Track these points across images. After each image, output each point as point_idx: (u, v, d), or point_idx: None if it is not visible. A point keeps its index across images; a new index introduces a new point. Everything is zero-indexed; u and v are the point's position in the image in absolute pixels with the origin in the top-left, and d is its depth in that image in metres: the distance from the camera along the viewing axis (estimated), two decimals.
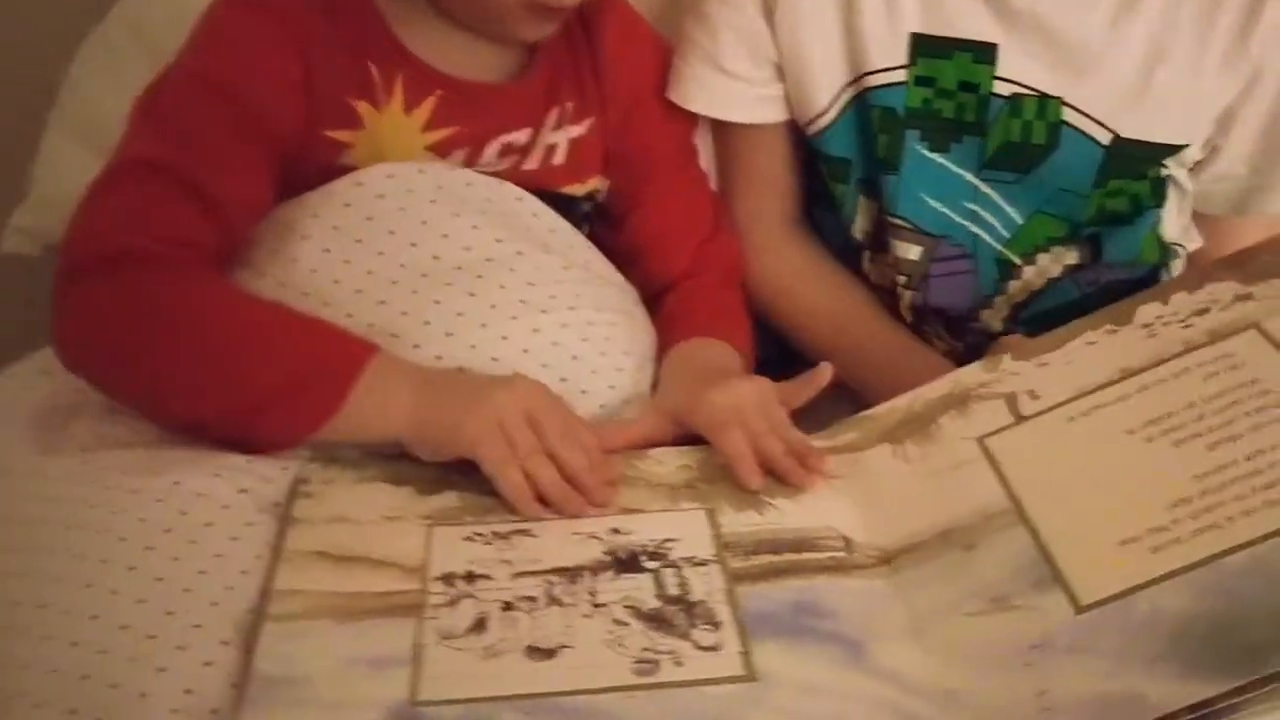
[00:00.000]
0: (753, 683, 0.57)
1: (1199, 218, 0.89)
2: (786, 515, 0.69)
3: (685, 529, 0.68)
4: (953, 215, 0.86)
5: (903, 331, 0.90)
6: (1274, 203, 0.86)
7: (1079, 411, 0.68)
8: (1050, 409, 0.69)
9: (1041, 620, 0.58)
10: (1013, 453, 0.68)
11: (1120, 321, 0.72)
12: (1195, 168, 0.86)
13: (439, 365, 0.72)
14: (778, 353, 0.94)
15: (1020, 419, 0.69)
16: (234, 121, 0.74)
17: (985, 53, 0.82)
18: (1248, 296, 0.69)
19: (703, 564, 0.65)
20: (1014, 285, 0.88)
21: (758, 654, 0.59)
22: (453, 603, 0.61)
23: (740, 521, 0.68)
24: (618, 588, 0.63)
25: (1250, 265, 0.71)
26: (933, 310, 0.90)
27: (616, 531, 0.67)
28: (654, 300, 0.88)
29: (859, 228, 0.90)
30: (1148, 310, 0.72)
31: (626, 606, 0.61)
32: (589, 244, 0.86)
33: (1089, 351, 0.71)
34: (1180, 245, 0.89)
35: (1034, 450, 0.67)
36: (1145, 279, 0.87)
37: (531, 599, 0.62)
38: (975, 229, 0.87)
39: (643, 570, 0.65)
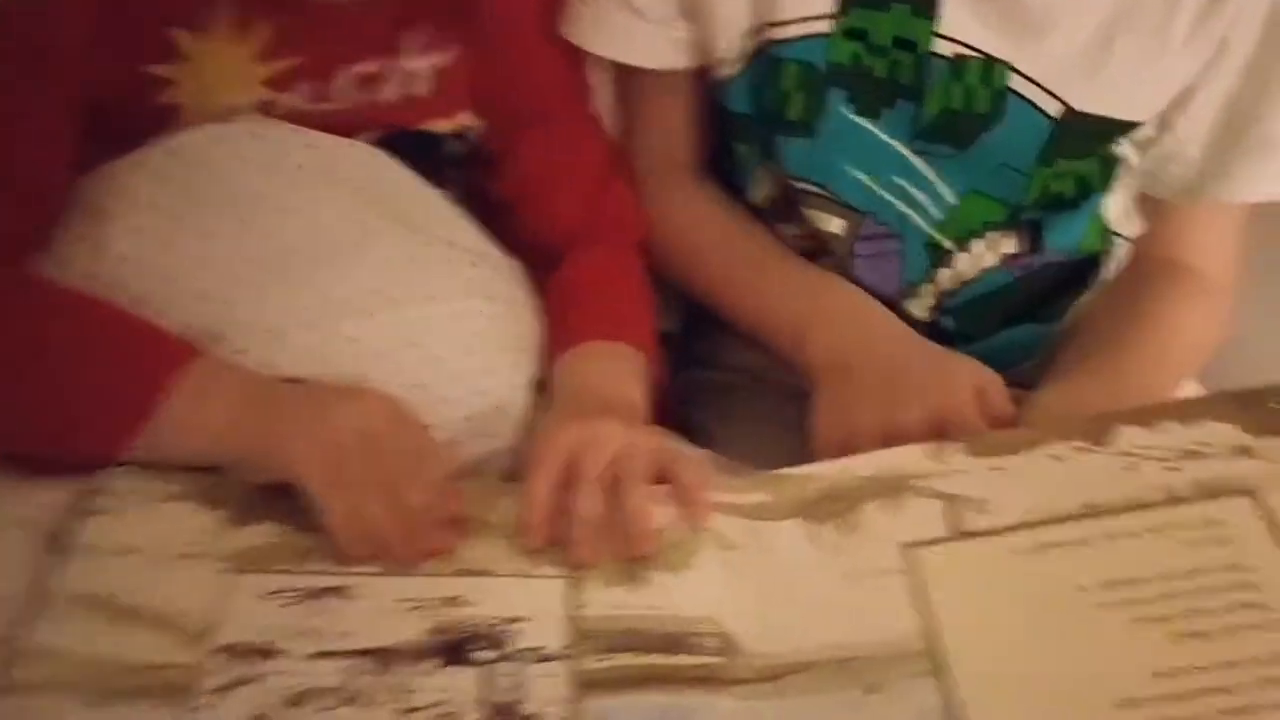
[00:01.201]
0: None
1: (1145, 201, 0.80)
2: (665, 595, 0.58)
3: (537, 605, 0.57)
4: (878, 190, 0.76)
5: (813, 269, 0.79)
6: (1230, 190, 0.76)
7: (1029, 545, 0.57)
8: (996, 532, 0.59)
9: None
10: (944, 577, 0.57)
11: (1095, 440, 0.61)
12: (1144, 145, 0.76)
13: (271, 373, 0.61)
14: (682, 324, 0.85)
15: (959, 534, 0.59)
16: (22, 71, 0.62)
17: (926, 6, 0.71)
18: (1247, 452, 0.59)
19: (549, 660, 0.54)
20: (944, 274, 0.78)
21: None
22: (228, 688, 0.49)
23: (607, 601, 0.58)
24: (437, 686, 0.52)
25: (1256, 411, 0.61)
26: None
27: (452, 602, 0.56)
28: (542, 259, 0.77)
29: (759, 193, 0.80)
30: (1130, 435, 0.61)
31: (441, 716, 0.50)
32: (460, 212, 0.74)
33: (1052, 469, 0.61)
34: (1122, 233, 0.80)
35: (968, 581, 0.57)
36: (1084, 267, 0.80)
37: (326, 691, 0.50)
38: (904, 208, 0.77)
39: (471, 663, 0.54)
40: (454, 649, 0.54)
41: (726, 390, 0.87)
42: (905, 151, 0.75)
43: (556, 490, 0.61)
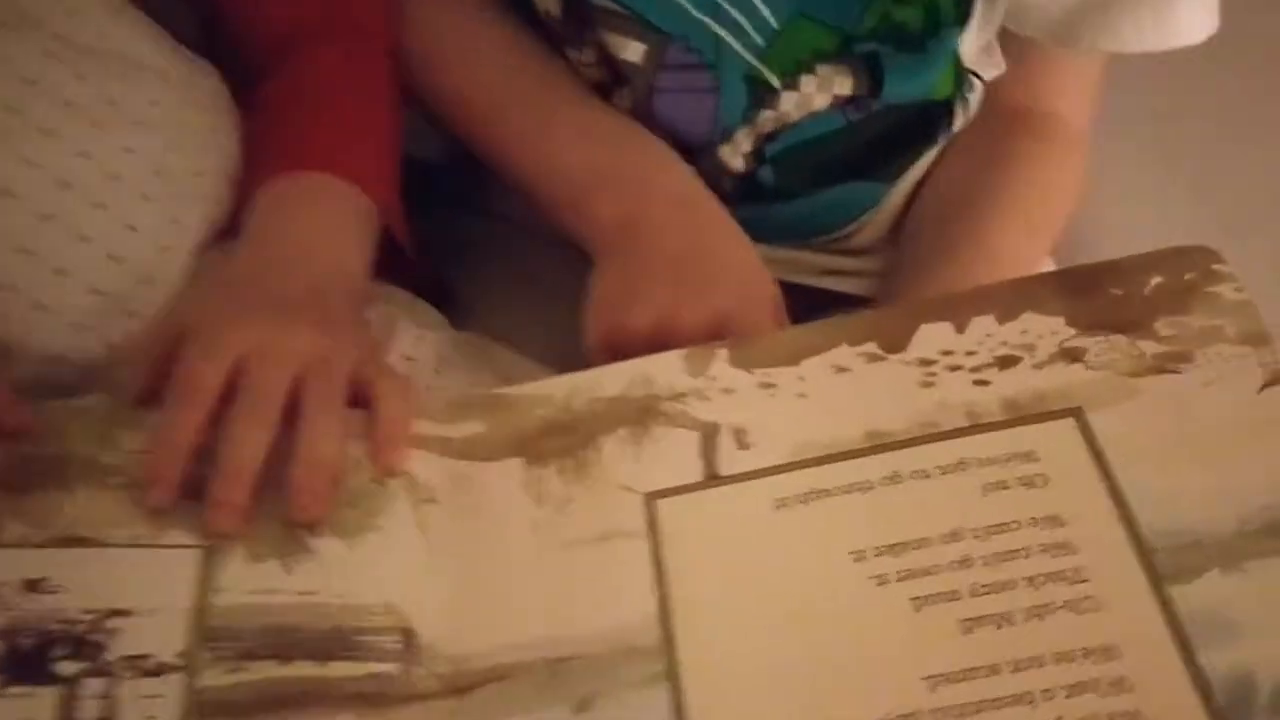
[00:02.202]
0: None
1: (1006, 39, 0.65)
2: (330, 573, 0.45)
3: (155, 589, 0.43)
4: (687, 7, 0.61)
5: (610, 113, 0.64)
6: (1109, 37, 0.62)
7: (796, 493, 0.45)
8: (757, 475, 0.46)
9: None
10: (688, 541, 0.45)
11: (890, 344, 0.48)
12: None
13: None
14: (447, 151, 0.70)
15: (713, 479, 0.46)
16: None
17: None
18: (1076, 355, 0.46)
19: (157, 673, 0.41)
20: (766, 116, 0.64)
21: None
22: None
23: (251, 583, 0.44)
24: None
25: (1089, 298, 0.48)
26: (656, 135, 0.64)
27: (35, 587, 0.42)
28: (258, 70, 0.61)
29: (543, 7, 0.64)
30: (932, 335, 0.48)
31: None
32: (124, 5, 0.57)
33: (834, 384, 0.48)
34: (978, 73, 0.66)
35: (717, 546, 0.44)
36: (931, 116, 0.66)
37: None
38: (719, 30, 0.61)
39: (51, 678, 0.40)
40: (26, 659, 0.41)
41: (494, 244, 0.73)
42: None
43: (209, 419, 0.47)
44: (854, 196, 0.69)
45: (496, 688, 0.42)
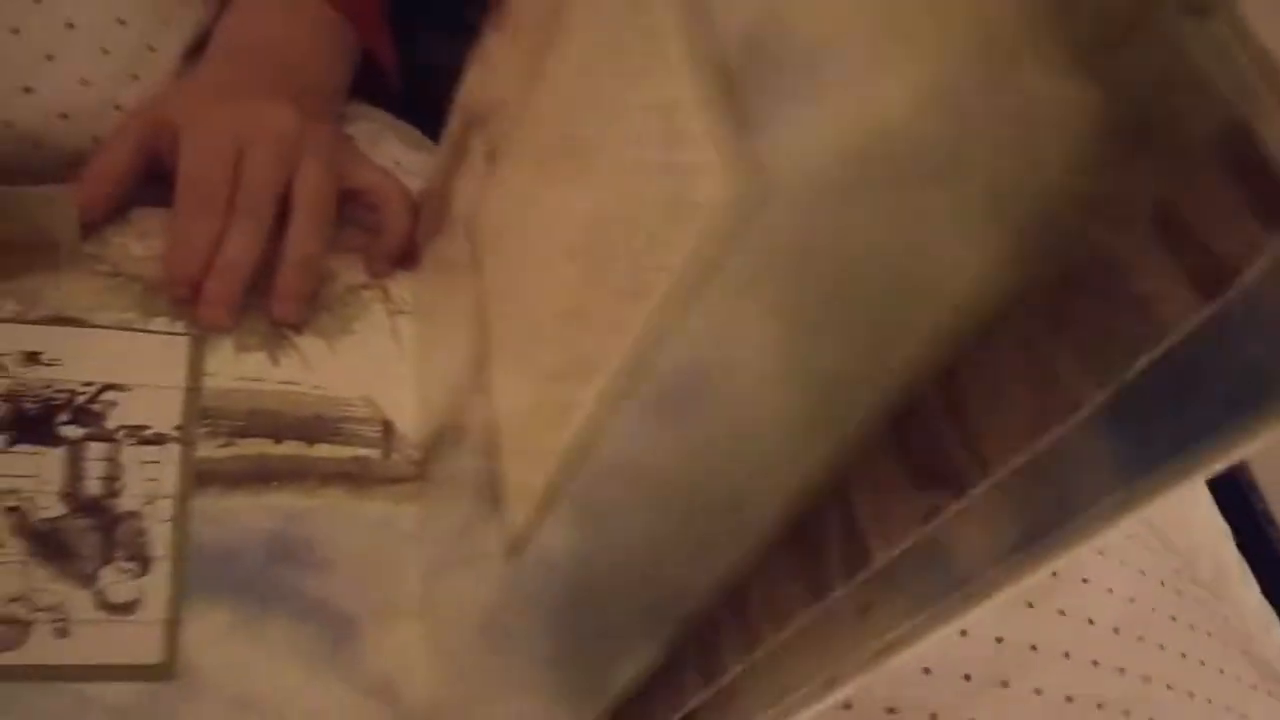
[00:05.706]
0: (167, 682, 0.41)
1: None
2: (313, 367, 0.51)
3: (148, 368, 0.48)
4: None
5: None
6: None
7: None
8: None
9: (485, 572, 0.40)
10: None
11: None
12: None
13: None
14: None
15: None
16: None
17: None
18: None
19: (156, 442, 0.47)
20: None
21: (191, 629, 0.42)
22: None
23: (239, 368, 0.50)
24: (5, 468, 0.43)
25: None
26: None
27: (32, 359, 0.47)
28: None
29: None
30: None
31: (10, 508, 0.43)
32: None
33: None
34: None
35: None
36: None
37: None
38: None
39: (57, 440, 0.45)
40: (32, 421, 0.46)
41: None
42: None
43: (217, 216, 0.50)
44: None
45: (437, 455, 0.48)
